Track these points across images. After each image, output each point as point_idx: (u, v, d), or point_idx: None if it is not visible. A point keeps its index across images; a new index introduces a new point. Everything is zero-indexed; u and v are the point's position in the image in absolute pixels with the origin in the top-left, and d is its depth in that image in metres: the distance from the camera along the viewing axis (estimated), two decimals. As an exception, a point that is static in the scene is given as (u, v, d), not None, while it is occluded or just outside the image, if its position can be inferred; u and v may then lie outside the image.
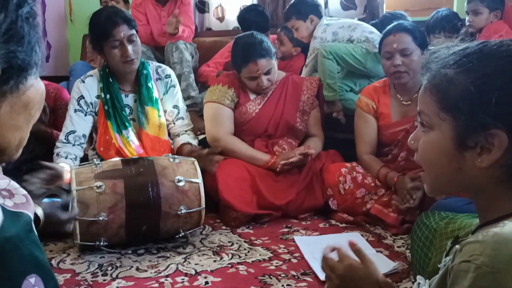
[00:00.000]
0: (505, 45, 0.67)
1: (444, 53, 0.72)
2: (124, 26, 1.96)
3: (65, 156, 1.96)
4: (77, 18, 3.73)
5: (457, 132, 0.68)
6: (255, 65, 2.06)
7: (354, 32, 2.48)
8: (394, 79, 1.98)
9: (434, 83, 0.71)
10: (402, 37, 1.92)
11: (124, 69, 2.03)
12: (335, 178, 1.99)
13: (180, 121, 2.19)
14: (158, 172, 1.71)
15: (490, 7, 2.52)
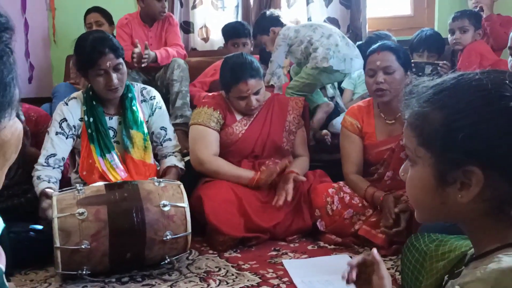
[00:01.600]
0: (477, 79, 0.67)
1: (422, 88, 0.72)
2: (111, 55, 1.93)
3: (47, 180, 1.91)
4: (60, 39, 3.69)
5: (436, 169, 0.68)
6: (245, 85, 2.06)
7: (314, 34, 2.52)
8: (377, 96, 1.99)
9: (412, 119, 0.72)
10: (386, 55, 1.94)
11: (107, 96, 2.01)
12: (323, 199, 1.98)
13: (167, 142, 2.17)
14: (143, 197, 1.67)
15: (475, 26, 2.58)
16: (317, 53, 2.45)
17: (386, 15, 3.40)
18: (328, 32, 2.53)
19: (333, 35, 2.51)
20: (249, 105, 2.09)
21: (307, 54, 2.52)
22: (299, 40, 2.54)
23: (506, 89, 0.65)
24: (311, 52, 2.49)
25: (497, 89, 0.66)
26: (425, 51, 2.68)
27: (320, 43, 2.47)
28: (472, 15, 2.61)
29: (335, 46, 2.47)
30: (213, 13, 3.44)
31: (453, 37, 2.61)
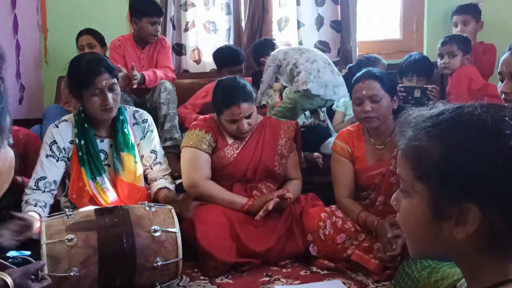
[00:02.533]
0: (477, 114, 0.66)
1: (419, 117, 0.71)
2: (106, 75, 1.94)
3: (34, 203, 1.88)
4: (52, 60, 3.69)
5: (432, 203, 0.67)
6: (237, 108, 2.06)
7: (300, 57, 2.58)
8: (365, 123, 2.02)
9: (409, 149, 0.71)
10: (371, 84, 1.97)
11: (102, 116, 2.00)
12: (315, 223, 1.97)
13: (157, 166, 2.16)
14: (133, 222, 1.65)
15: (464, 50, 2.62)
16: (299, 76, 2.51)
17: (376, 39, 3.45)
18: (313, 57, 2.58)
19: (317, 61, 2.56)
20: (241, 129, 2.10)
21: (292, 77, 2.57)
22: (287, 62, 2.60)
23: (506, 126, 0.65)
24: (294, 75, 2.53)
25: (497, 126, 0.65)
26: (414, 75, 2.72)
27: (303, 67, 2.53)
28: (461, 40, 2.65)
29: (317, 71, 2.53)
30: (205, 36, 3.47)
31: (442, 61, 2.65)
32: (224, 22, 3.42)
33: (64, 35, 3.54)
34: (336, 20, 3.25)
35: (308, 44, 3.26)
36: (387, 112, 1.98)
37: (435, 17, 3.19)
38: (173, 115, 2.78)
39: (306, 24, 3.26)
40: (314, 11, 3.26)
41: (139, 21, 2.90)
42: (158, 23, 2.93)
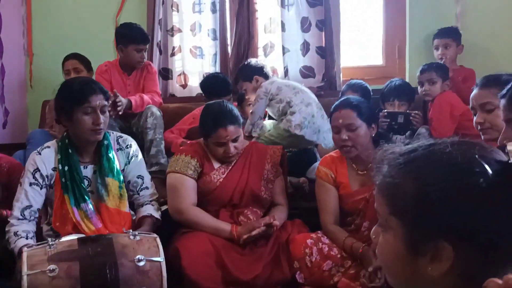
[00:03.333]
0: (448, 152, 0.68)
1: (394, 153, 0.72)
2: (101, 95, 1.96)
3: (25, 235, 1.86)
4: (37, 84, 3.67)
5: (408, 239, 0.68)
6: (224, 131, 2.07)
7: (295, 97, 2.61)
8: (343, 152, 2.05)
9: (383, 186, 0.72)
10: (347, 113, 2.00)
11: (90, 137, 1.98)
12: (301, 250, 1.97)
13: (144, 191, 2.14)
14: (117, 252, 1.63)
15: (443, 77, 2.68)
16: (294, 117, 2.53)
17: (359, 64, 3.53)
18: (307, 100, 2.62)
19: (311, 104, 2.61)
20: (227, 152, 2.10)
21: (283, 113, 2.59)
22: (279, 98, 2.61)
23: (476, 164, 0.66)
24: (287, 113, 2.56)
25: (467, 164, 0.66)
26: (395, 100, 2.77)
27: (298, 109, 2.55)
28: (439, 67, 2.71)
29: (312, 116, 2.57)
30: (192, 61, 3.50)
31: (422, 88, 2.71)
32: (210, 48, 3.46)
33: (50, 59, 3.54)
34: (320, 46, 3.32)
35: (293, 69, 3.32)
36: (365, 140, 2.01)
37: (417, 44, 3.27)
38: (159, 140, 2.78)
39: (291, 50, 3.32)
40: (299, 37, 3.32)
41: (125, 48, 2.93)
42: (144, 50, 2.95)
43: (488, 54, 3.15)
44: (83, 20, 3.58)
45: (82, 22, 3.58)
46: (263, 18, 3.42)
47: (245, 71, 2.80)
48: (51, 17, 3.64)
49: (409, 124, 2.62)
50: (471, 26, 3.18)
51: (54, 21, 3.63)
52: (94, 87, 1.96)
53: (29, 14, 3.66)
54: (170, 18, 3.48)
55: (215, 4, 3.40)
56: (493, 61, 3.09)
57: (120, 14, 3.53)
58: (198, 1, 3.46)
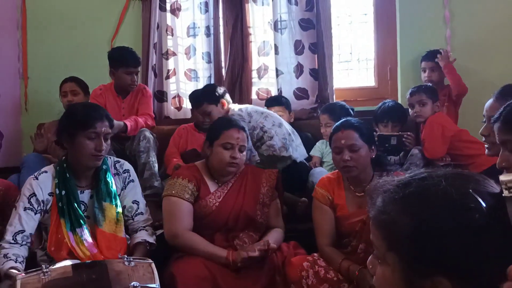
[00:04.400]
0: (442, 188, 0.68)
1: (388, 188, 0.73)
2: (106, 123, 1.98)
3: (14, 259, 1.84)
4: (32, 107, 3.69)
5: (405, 274, 0.69)
6: (236, 132, 2.11)
7: (266, 121, 2.66)
8: (344, 173, 2.06)
9: (379, 220, 0.73)
10: (349, 134, 2.02)
11: (89, 162, 1.99)
12: (298, 273, 1.96)
13: (139, 216, 2.13)
14: (111, 279, 1.62)
15: (432, 98, 2.73)
16: (274, 141, 2.58)
17: (352, 86, 3.58)
18: (278, 120, 2.69)
19: (282, 124, 2.68)
20: (233, 157, 2.10)
21: (259, 140, 2.62)
22: (252, 125, 2.65)
23: (470, 200, 0.67)
24: (265, 139, 2.59)
25: (462, 200, 0.67)
26: (389, 122, 2.81)
27: (274, 132, 2.61)
28: (428, 89, 2.76)
29: (288, 135, 2.63)
30: (187, 83, 3.55)
31: (413, 110, 2.75)
32: (205, 70, 3.50)
33: (45, 83, 3.57)
34: (314, 68, 3.37)
35: (287, 91, 3.36)
36: (366, 161, 2.03)
37: (408, 65, 3.34)
38: (152, 163, 2.78)
39: (284, 72, 3.37)
40: (293, 59, 3.37)
41: (116, 72, 2.96)
42: (134, 73, 2.97)
43: (478, 75, 3.21)
44: (78, 44, 3.62)
45: (78, 46, 3.62)
46: (257, 42, 3.48)
47: (212, 94, 2.78)
48: (46, 41, 3.68)
49: (402, 145, 2.65)
50: (461, 48, 3.25)
51: (49, 45, 3.67)
52: (102, 113, 1.99)
53: (24, 38, 3.70)
54: (165, 42, 3.53)
55: (209, 28, 3.46)
56: (483, 82, 3.15)
57: (115, 38, 3.59)
58: (193, 25, 3.52)
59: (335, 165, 2.11)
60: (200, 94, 2.85)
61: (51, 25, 3.68)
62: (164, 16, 3.52)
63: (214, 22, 3.44)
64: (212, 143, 2.16)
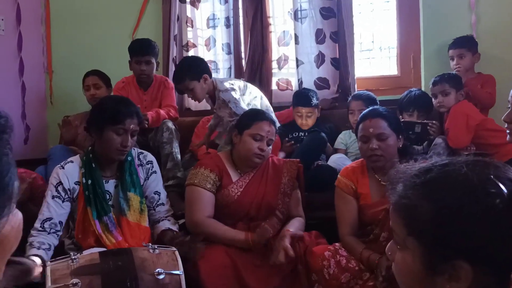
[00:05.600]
0: (464, 174, 0.68)
1: (409, 174, 0.73)
2: (135, 120, 2.03)
3: (37, 246, 1.88)
4: (57, 101, 3.77)
5: (425, 259, 0.69)
6: (267, 125, 2.13)
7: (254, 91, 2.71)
8: (371, 162, 2.03)
9: (400, 206, 0.73)
10: (378, 122, 1.99)
11: (114, 156, 2.04)
12: (319, 262, 1.96)
13: (160, 207, 2.17)
14: (137, 266, 1.66)
15: (456, 88, 2.65)
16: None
17: (374, 75, 3.53)
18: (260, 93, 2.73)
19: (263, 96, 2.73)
20: (261, 149, 2.11)
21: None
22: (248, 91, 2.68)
23: (492, 185, 0.67)
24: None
25: (483, 186, 0.67)
26: (415, 111, 2.75)
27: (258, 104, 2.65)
28: (451, 78, 2.68)
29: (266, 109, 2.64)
30: (207, 75, 3.55)
31: (436, 100, 2.69)
32: (225, 62, 3.51)
33: (69, 76, 3.64)
34: (335, 57, 3.33)
35: (307, 81, 3.33)
36: (393, 151, 1.99)
37: (431, 53, 3.26)
38: (175, 154, 2.81)
39: (305, 62, 3.34)
40: (314, 49, 3.33)
41: (132, 61, 3.00)
42: (143, 62, 2.97)
43: (504, 62, 3.12)
44: (100, 38, 3.68)
45: (100, 40, 3.68)
46: (277, 32, 3.46)
47: (193, 68, 2.61)
48: (70, 35, 3.75)
49: (426, 134, 2.60)
50: (486, 34, 3.16)
51: (72, 39, 3.74)
52: (132, 110, 2.03)
53: (48, 33, 3.78)
54: (185, 34, 3.55)
55: (229, 19, 3.45)
56: (509, 68, 3.06)
57: (136, 31, 3.62)
58: (212, 16, 3.53)
59: (362, 154, 2.08)
60: (180, 70, 2.65)
61: (74, 19, 3.75)
62: (184, 8, 3.53)
63: (233, 13, 3.43)
64: (241, 132, 2.16)
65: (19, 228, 0.59)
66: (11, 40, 3.46)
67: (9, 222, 0.56)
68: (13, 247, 0.59)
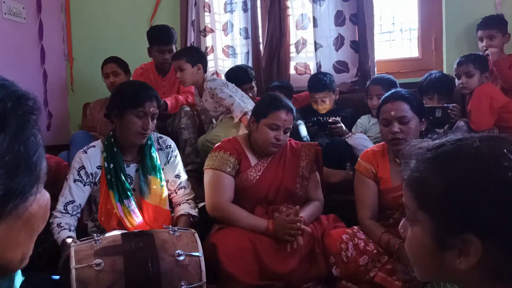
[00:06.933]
0: (476, 147, 0.67)
1: (422, 149, 0.73)
2: (154, 103, 2.06)
3: (68, 228, 1.94)
4: (78, 88, 3.83)
5: (435, 233, 0.69)
6: (284, 114, 2.11)
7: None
8: (392, 145, 2.00)
9: (411, 180, 0.73)
10: (399, 105, 1.95)
11: (135, 139, 2.07)
12: (337, 245, 1.96)
13: (182, 190, 2.20)
14: (158, 247, 1.69)
15: (481, 69, 2.57)
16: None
17: (394, 57, 3.46)
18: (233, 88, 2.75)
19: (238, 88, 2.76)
20: (277, 138, 2.11)
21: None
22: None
23: (504, 159, 0.65)
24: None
25: (495, 159, 0.66)
26: (435, 94, 2.70)
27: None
28: (477, 59, 2.60)
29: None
30: (225, 60, 3.55)
31: (459, 81, 2.63)
32: (242, 47, 3.49)
33: (89, 64, 3.68)
34: (354, 40, 3.28)
35: (326, 64, 3.29)
36: (415, 134, 1.95)
37: (454, 35, 3.18)
38: (194, 140, 2.83)
39: (323, 45, 3.30)
40: (333, 31, 3.29)
41: (151, 49, 3.01)
42: (166, 50, 3.00)
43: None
44: (119, 25, 3.71)
45: (119, 27, 3.71)
46: (295, 15, 3.42)
47: (194, 54, 2.77)
48: (89, 23, 3.79)
49: (447, 117, 2.55)
50: (511, 14, 3.06)
51: (92, 27, 3.78)
52: (152, 94, 2.05)
53: (68, 21, 3.82)
54: (203, 19, 3.55)
55: (246, 3, 3.43)
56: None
57: (154, 17, 3.64)
58: (230, 1, 3.51)
59: (383, 138, 2.06)
60: (182, 50, 2.85)
61: (93, 7, 3.78)
62: (201, -7, 3.52)
63: (251, -4, 3.41)
64: (258, 120, 2.16)
65: (47, 207, 0.60)
66: (32, 29, 3.51)
67: (37, 201, 0.57)
68: (41, 226, 0.61)
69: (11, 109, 0.53)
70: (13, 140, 0.52)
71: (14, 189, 0.53)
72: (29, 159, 0.54)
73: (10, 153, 0.52)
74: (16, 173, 0.52)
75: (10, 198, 0.53)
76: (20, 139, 0.53)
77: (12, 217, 0.54)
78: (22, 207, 0.55)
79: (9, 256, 0.57)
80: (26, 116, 0.55)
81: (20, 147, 0.53)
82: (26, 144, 0.54)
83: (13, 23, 3.32)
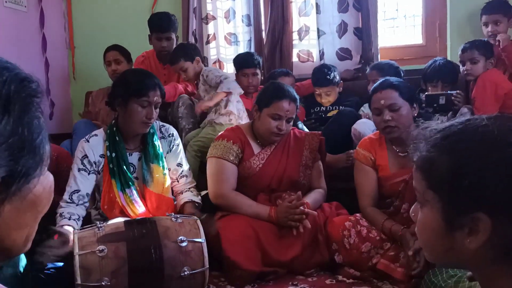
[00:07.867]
0: (484, 125, 0.68)
1: (430, 131, 0.73)
2: (158, 92, 2.05)
3: (68, 217, 1.95)
4: (80, 76, 3.82)
5: (445, 213, 0.68)
6: (287, 104, 2.10)
7: None
8: (386, 134, 2.00)
9: (421, 162, 0.73)
10: (388, 93, 1.95)
11: (139, 129, 2.07)
12: (339, 232, 1.97)
13: (183, 178, 2.21)
14: (160, 234, 1.69)
15: (486, 55, 2.54)
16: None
17: (398, 44, 3.43)
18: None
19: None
20: (280, 128, 2.11)
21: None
22: None
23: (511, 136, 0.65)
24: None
25: (503, 136, 0.66)
26: (439, 81, 2.67)
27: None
28: (481, 45, 2.57)
29: None
30: (227, 47, 3.53)
31: (464, 68, 2.60)
32: (245, 34, 3.47)
33: (91, 52, 3.67)
34: (357, 27, 3.24)
35: (329, 52, 3.27)
36: (408, 120, 1.96)
37: (458, 21, 3.14)
38: (189, 130, 2.82)
39: (327, 32, 3.27)
40: (336, 18, 3.25)
41: (151, 37, 3.00)
42: (164, 38, 2.98)
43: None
44: (121, 13, 3.68)
45: (120, 15, 3.68)
46: (297, 1, 3.38)
47: (187, 50, 2.82)
48: (90, 11, 3.77)
49: (451, 104, 2.53)
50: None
51: (93, 14, 3.76)
52: (155, 83, 2.05)
53: (69, 9, 3.80)
54: (204, 6, 3.51)
55: (248, -11, 3.39)
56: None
57: (155, 5, 3.61)
58: (232, -13, 3.47)
59: (377, 127, 2.06)
60: (176, 52, 2.85)
61: (94, -6, 3.75)
62: (203, -21, 3.49)
63: (253, -17, 3.37)
64: (261, 108, 2.15)
65: (51, 190, 0.61)
66: (34, 17, 3.50)
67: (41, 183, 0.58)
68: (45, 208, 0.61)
69: (14, 92, 0.53)
70: (17, 123, 0.53)
71: (18, 171, 0.53)
72: (33, 142, 0.55)
73: (14, 135, 0.52)
74: (20, 155, 0.53)
75: (14, 179, 0.53)
76: (24, 121, 0.53)
77: (17, 198, 0.55)
78: (26, 188, 0.55)
79: (13, 237, 0.58)
80: (29, 98, 0.55)
81: (24, 129, 0.53)
82: (29, 126, 0.54)
83: (14, 12, 3.30)
